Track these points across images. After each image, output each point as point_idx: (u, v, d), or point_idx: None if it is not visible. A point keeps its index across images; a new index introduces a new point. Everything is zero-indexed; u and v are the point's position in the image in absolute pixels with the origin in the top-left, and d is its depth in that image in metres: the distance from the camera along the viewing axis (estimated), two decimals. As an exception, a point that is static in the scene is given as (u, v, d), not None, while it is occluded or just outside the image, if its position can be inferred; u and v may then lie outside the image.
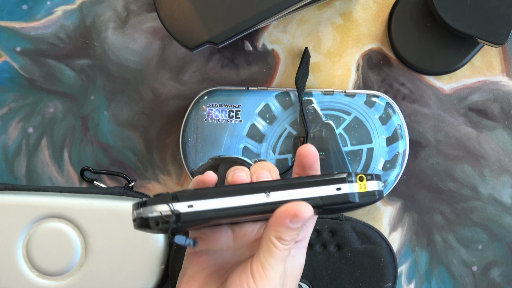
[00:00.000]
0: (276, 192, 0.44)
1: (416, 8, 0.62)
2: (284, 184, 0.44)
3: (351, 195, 0.44)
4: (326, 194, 0.44)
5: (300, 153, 0.48)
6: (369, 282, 0.61)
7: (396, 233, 0.64)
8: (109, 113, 0.65)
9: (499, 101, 0.64)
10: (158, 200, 0.43)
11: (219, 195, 0.44)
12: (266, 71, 0.64)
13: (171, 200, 0.43)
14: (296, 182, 0.44)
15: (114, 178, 0.65)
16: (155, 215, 0.43)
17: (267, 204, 0.44)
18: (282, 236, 0.45)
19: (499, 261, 0.64)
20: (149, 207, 0.43)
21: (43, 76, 0.65)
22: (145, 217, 0.43)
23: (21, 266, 0.61)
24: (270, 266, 0.45)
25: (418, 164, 0.64)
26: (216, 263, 0.49)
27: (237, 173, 0.47)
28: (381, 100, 0.62)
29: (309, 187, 0.44)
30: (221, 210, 0.43)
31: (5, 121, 0.65)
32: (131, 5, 0.65)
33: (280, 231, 0.45)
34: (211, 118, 0.62)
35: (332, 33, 0.64)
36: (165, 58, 0.64)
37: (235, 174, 0.47)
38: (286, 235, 0.45)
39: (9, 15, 0.65)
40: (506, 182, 0.64)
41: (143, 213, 0.44)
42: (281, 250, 0.45)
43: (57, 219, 0.61)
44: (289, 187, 0.44)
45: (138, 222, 0.44)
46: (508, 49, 0.64)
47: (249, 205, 0.44)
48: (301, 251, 0.49)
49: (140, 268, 0.61)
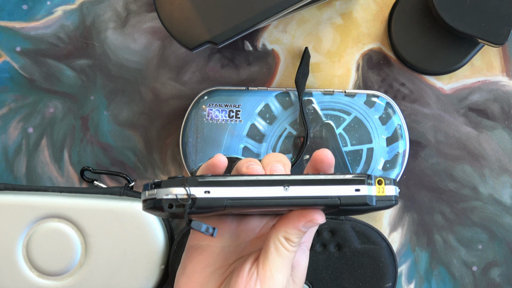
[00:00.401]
0: (295, 187, 0.43)
1: (416, 8, 0.62)
2: (303, 180, 0.43)
3: (369, 197, 0.43)
4: (345, 194, 0.43)
5: (316, 158, 0.48)
6: (369, 282, 0.61)
7: (396, 233, 0.64)
8: (109, 113, 0.65)
9: (499, 101, 0.64)
10: (174, 183, 0.43)
11: (238, 184, 0.43)
12: (266, 71, 0.64)
13: (188, 183, 0.42)
14: (315, 178, 0.44)
15: (114, 178, 0.65)
16: (170, 197, 0.42)
17: (285, 198, 0.43)
18: (291, 237, 0.45)
19: (499, 261, 0.64)
20: (164, 188, 0.42)
21: (43, 76, 0.65)
22: (159, 198, 0.42)
23: (21, 266, 0.61)
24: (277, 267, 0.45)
25: (418, 164, 0.64)
26: (217, 261, 0.48)
27: (251, 165, 0.46)
28: (381, 100, 0.62)
29: (328, 185, 0.43)
30: (238, 199, 0.43)
31: (5, 121, 0.65)
32: (131, 5, 0.65)
33: (290, 233, 0.45)
34: (211, 118, 0.62)
35: (332, 33, 0.64)
36: (165, 58, 0.64)
37: (250, 166, 0.46)
38: (295, 237, 0.46)
39: (9, 15, 0.65)
40: (506, 182, 0.64)
41: (157, 194, 0.43)
42: (290, 251, 0.46)
43: (57, 219, 0.61)
44: (308, 183, 0.43)
45: (149, 203, 0.43)
46: (508, 49, 0.64)
47: (266, 197, 0.43)
48: (304, 252, 0.49)
49: (140, 268, 0.61)
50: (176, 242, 0.61)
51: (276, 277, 0.45)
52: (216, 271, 0.48)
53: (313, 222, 0.45)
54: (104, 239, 0.60)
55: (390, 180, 0.44)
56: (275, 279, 0.45)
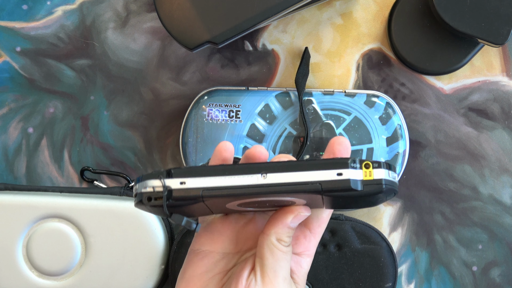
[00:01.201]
0: (273, 174, 0.41)
1: (416, 8, 0.62)
2: (282, 166, 0.41)
3: (353, 181, 0.40)
4: (326, 179, 0.41)
5: (335, 141, 0.46)
6: (369, 282, 0.61)
7: (396, 233, 0.64)
8: (109, 113, 0.65)
9: (499, 101, 0.64)
10: (151, 176, 0.42)
11: (214, 174, 0.41)
12: (266, 71, 0.64)
13: (165, 176, 0.42)
14: (294, 164, 0.41)
15: (114, 178, 0.65)
16: (148, 191, 0.42)
17: (263, 186, 0.41)
18: (282, 237, 0.45)
19: (499, 261, 0.64)
20: (143, 181, 0.42)
21: (43, 76, 0.65)
22: (139, 192, 0.42)
23: (21, 266, 0.61)
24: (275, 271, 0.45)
25: (418, 164, 0.64)
26: (217, 267, 0.48)
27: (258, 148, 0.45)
28: (381, 100, 0.62)
29: (308, 171, 0.41)
30: (213, 189, 0.41)
31: (5, 121, 0.65)
32: (131, 5, 0.65)
33: (281, 233, 0.45)
34: (211, 118, 0.62)
35: (332, 33, 0.64)
36: (165, 58, 0.65)
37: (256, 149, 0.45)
38: (286, 236, 0.45)
39: (9, 15, 0.65)
40: (506, 182, 0.64)
41: (138, 188, 0.42)
42: (284, 251, 0.45)
43: (57, 219, 0.61)
44: (287, 169, 0.41)
45: (136, 198, 0.43)
46: (508, 49, 0.64)
47: (244, 186, 0.41)
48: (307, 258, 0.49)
49: (140, 268, 0.61)
50: (176, 242, 0.61)
51: (275, 282, 0.45)
52: (215, 277, 0.48)
53: (300, 215, 0.45)
54: (104, 239, 0.60)
55: (380, 164, 0.41)
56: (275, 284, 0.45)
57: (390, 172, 0.42)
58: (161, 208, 0.42)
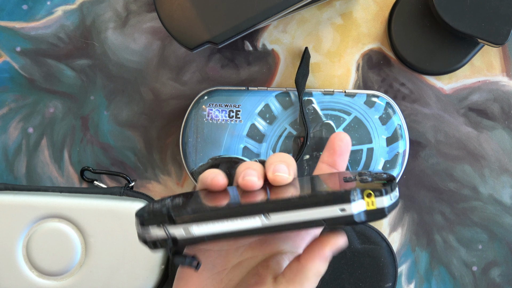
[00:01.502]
0: (276, 215, 0.42)
1: (416, 8, 0.62)
2: (284, 205, 0.42)
3: (356, 215, 0.41)
4: (329, 216, 0.41)
5: (336, 136, 0.47)
6: (369, 282, 0.61)
7: (396, 233, 0.64)
8: (109, 113, 0.65)
9: (499, 101, 0.64)
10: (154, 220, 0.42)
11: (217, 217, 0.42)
12: (266, 71, 0.64)
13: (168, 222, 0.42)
14: (297, 202, 0.42)
15: (114, 178, 0.65)
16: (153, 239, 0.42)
17: (267, 228, 0.42)
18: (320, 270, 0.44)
19: (499, 261, 0.64)
20: (146, 227, 0.42)
21: (43, 76, 0.65)
22: (142, 237, 0.43)
23: (21, 266, 0.61)
24: None
25: (418, 164, 0.64)
26: (215, 266, 0.48)
27: (247, 176, 0.45)
28: (381, 100, 0.62)
29: (311, 208, 0.41)
30: (218, 235, 0.42)
31: (5, 121, 0.65)
32: (131, 5, 0.65)
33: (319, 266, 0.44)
34: (211, 118, 0.62)
35: (332, 33, 0.64)
36: (165, 58, 0.64)
37: (246, 178, 0.45)
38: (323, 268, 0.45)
39: (9, 15, 0.65)
40: (506, 182, 0.64)
41: (141, 233, 0.43)
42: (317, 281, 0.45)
43: (57, 219, 0.61)
44: (290, 208, 0.41)
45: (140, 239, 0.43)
46: (508, 49, 0.64)
47: (248, 229, 0.42)
48: None
49: (140, 268, 0.61)
50: (176, 242, 0.61)
51: None
52: (214, 276, 0.47)
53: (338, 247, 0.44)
54: (104, 239, 0.60)
55: (381, 191, 0.41)
56: None
57: (392, 194, 0.42)
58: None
